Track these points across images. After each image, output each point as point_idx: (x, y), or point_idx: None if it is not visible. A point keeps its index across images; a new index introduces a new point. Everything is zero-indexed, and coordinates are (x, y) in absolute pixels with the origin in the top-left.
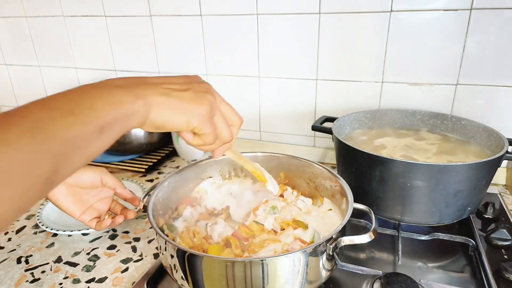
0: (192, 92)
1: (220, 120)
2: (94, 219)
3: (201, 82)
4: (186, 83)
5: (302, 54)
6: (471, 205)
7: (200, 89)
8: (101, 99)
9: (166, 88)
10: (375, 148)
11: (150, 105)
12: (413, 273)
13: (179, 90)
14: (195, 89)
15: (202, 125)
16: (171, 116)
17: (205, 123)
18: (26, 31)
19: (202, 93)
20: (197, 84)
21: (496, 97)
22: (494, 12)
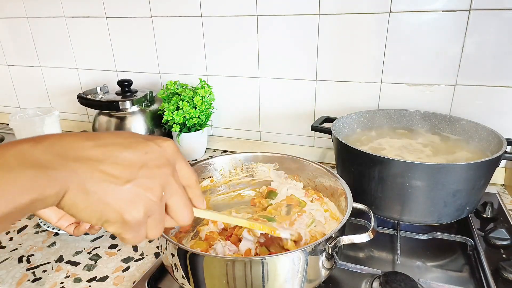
0: (132, 187)
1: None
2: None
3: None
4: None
5: (301, 54)
6: (469, 205)
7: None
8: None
9: (102, 171)
10: (374, 148)
11: (66, 191)
12: (412, 272)
13: (117, 179)
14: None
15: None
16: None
17: (126, 232)
18: (28, 32)
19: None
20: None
21: (495, 98)
22: (492, 13)
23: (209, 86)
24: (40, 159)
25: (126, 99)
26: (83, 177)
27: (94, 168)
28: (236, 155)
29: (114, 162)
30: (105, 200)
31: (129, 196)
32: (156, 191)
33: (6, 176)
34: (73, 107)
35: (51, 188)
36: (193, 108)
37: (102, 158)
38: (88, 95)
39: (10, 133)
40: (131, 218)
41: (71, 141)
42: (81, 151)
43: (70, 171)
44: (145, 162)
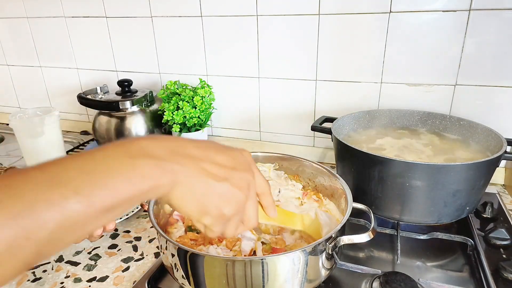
0: (229, 185)
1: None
2: None
3: (246, 169)
4: (228, 169)
5: (301, 54)
6: (469, 205)
7: (239, 183)
8: (119, 174)
9: (204, 168)
10: (374, 148)
11: (176, 184)
12: (412, 272)
13: (216, 177)
14: (233, 180)
15: (214, 226)
16: (189, 204)
17: (217, 224)
18: (28, 32)
19: (237, 189)
20: (239, 173)
21: (495, 98)
22: (492, 13)
23: (209, 86)
24: (157, 153)
25: (126, 99)
26: (190, 172)
27: (197, 165)
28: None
29: (212, 162)
30: (208, 194)
31: (226, 192)
32: (245, 191)
33: (132, 163)
34: (73, 107)
35: (166, 178)
36: (193, 108)
37: (202, 158)
38: (88, 95)
39: (10, 133)
40: (226, 212)
41: (177, 140)
42: (186, 149)
43: (180, 165)
44: (235, 166)
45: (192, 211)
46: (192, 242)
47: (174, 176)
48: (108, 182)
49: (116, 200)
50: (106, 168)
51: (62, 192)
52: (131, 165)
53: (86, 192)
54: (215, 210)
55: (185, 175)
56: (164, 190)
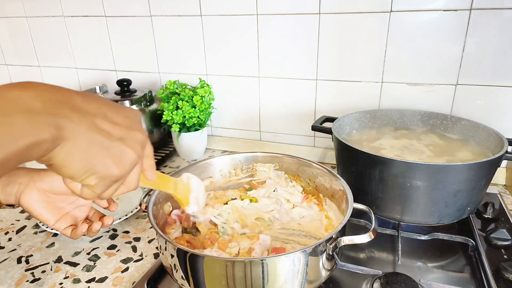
0: (122, 145)
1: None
2: (70, 226)
3: (139, 129)
4: (122, 127)
5: (302, 54)
6: (470, 205)
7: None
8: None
9: (97, 125)
10: (375, 148)
11: (61, 139)
12: (412, 273)
13: (110, 135)
14: (128, 141)
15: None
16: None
17: (102, 185)
18: (27, 31)
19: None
20: (133, 133)
21: (496, 97)
22: (493, 12)
23: (208, 86)
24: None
25: (125, 99)
26: (80, 127)
27: (88, 120)
28: (236, 155)
29: (105, 119)
30: (99, 154)
31: (120, 152)
32: (139, 152)
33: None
34: None
35: (46, 133)
36: (193, 108)
37: (94, 113)
38: None
39: None
40: (116, 173)
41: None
42: (75, 102)
43: (67, 118)
44: (130, 125)
45: (77, 171)
46: (187, 245)
47: (58, 131)
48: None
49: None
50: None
51: None
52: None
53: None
54: (104, 171)
55: (73, 130)
56: (47, 146)
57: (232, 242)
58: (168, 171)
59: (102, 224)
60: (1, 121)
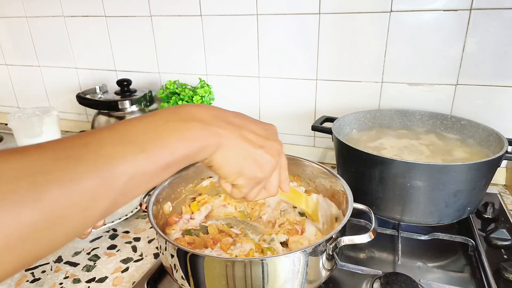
0: (263, 152)
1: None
2: None
3: (276, 140)
4: (263, 138)
5: (302, 54)
6: (470, 205)
7: (272, 151)
8: (175, 135)
9: (243, 135)
10: (375, 148)
11: (220, 146)
12: (413, 273)
13: (253, 143)
14: (267, 149)
15: (245, 186)
16: (229, 165)
17: (248, 185)
18: (27, 31)
19: (271, 156)
20: (271, 143)
21: (496, 97)
22: (494, 12)
23: (208, 86)
24: (204, 118)
25: (125, 99)
26: (232, 136)
27: (238, 132)
28: None
29: (249, 130)
30: (246, 158)
31: (262, 158)
32: (276, 158)
33: (185, 126)
34: (72, 106)
35: (213, 139)
36: None
37: (241, 126)
38: (87, 95)
39: (9, 133)
40: (259, 175)
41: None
42: (227, 117)
43: (224, 129)
44: (268, 136)
45: (230, 172)
46: (189, 246)
47: (219, 138)
48: (167, 142)
49: (174, 158)
50: (165, 130)
51: (132, 149)
52: (184, 128)
53: (151, 150)
54: (250, 172)
55: (228, 139)
56: (210, 151)
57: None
58: None
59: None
60: (182, 125)
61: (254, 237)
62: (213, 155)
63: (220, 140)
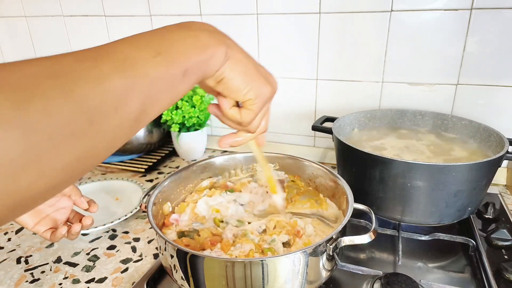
0: (264, 72)
1: (265, 110)
2: (49, 229)
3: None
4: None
5: (302, 54)
6: (471, 205)
7: (271, 77)
8: (187, 41)
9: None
10: (376, 148)
11: (230, 55)
12: (413, 273)
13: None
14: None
15: (255, 101)
16: (240, 76)
17: (259, 101)
18: (26, 31)
19: (273, 78)
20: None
21: (497, 97)
22: (494, 12)
23: None
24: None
25: None
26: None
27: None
28: (236, 155)
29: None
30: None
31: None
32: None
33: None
34: None
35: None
36: (192, 108)
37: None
38: None
39: None
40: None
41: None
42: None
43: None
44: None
45: (240, 83)
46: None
47: (227, 47)
48: (179, 47)
49: (190, 63)
50: (176, 37)
51: (148, 52)
52: (193, 36)
53: (165, 53)
54: (259, 85)
55: (234, 49)
56: (220, 62)
57: (235, 245)
58: (168, 171)
59: (81, 225)
60: (189, 34)
61: (254, 237)
62: (223, 66)
63: (227, 50)
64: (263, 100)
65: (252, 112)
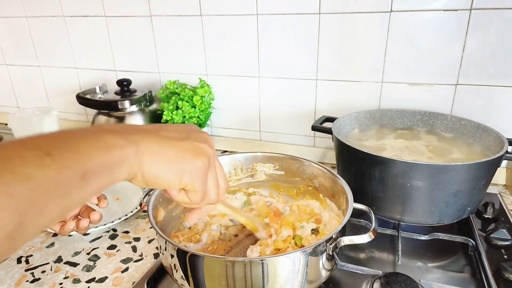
0: (190, 142)
1: (212, 177)
2: (59, 223)
3: (199, 131)
4: (183, 132)
5: (302, 54)
6: (471, 205)
7: (199, 139)
8: (87, 142)
9: (162, 135)
10: (375, 148)
11: (142, 153)
12: (413, 273)
13: (176, 138)
14: (193, 139)
15: (195, 182)
16: (163, 169)
17: (198, 180)
18: (26, 31)
19: (200, 143)
20: (195, 134)
21: (496, 97)
22: (494, 12)
23: (208, 86)
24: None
25: (125, 99)
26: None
27: (155, 134)
28: (236, 155)
29: (166, 130)
30: (176, 154)
31: (192, 147)
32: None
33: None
34: (72, 106)
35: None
36: (193, 108)
37: (156, 129)
38: (87, 95)
39: (8, 133)
40: (200, 164)
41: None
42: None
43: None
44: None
45: (169, 175)
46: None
47: (136, 146)
48: (76, 147)
49: (88, 165)
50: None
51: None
52: (95, 137)
53: (56, 154)
54: (189, 165)
55: (146, 143)
56: (133, 164)
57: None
58: None
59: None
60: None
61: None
62: (141, 168)
63: (138, 148)
64: (200, 175)
65: (198, 192)
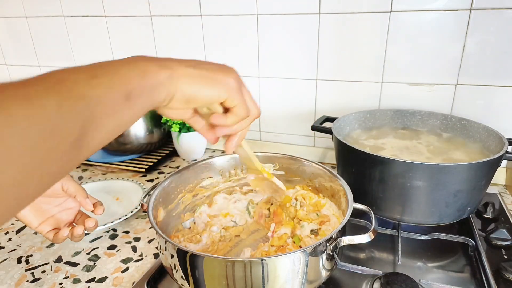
0: (220, 67)
1: (246, 93)
2: (53, 230)
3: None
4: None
5: (302, 54)
6: (470, 205)
7: (226, 67)
8: (126, 68)
9: (195, 61)
10: (375, 148)
11: (177, 76)
12: (413, 273)
13: (205, 63)
14: (220, 66)
15: (232, 96)
16: (201, 88)
17: (235, 93)
18: (26, 31)
19: (228, 67)
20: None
21: (496, 97)
22: (493, 12)
23: None
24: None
25: None
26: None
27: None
28: (236, 155)
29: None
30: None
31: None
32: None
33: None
34: None
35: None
36: None
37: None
38: None
39: None
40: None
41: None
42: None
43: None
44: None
45: (209, 93)
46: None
47: (170, 70)
48: (117, 71)
49: (130, 87)
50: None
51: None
52: (133, 62)
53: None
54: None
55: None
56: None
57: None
58: (168, 171)
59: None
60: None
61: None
62: (178, 89)
63: (172, 72)
64: (236, 89)
65: (240, 105)
